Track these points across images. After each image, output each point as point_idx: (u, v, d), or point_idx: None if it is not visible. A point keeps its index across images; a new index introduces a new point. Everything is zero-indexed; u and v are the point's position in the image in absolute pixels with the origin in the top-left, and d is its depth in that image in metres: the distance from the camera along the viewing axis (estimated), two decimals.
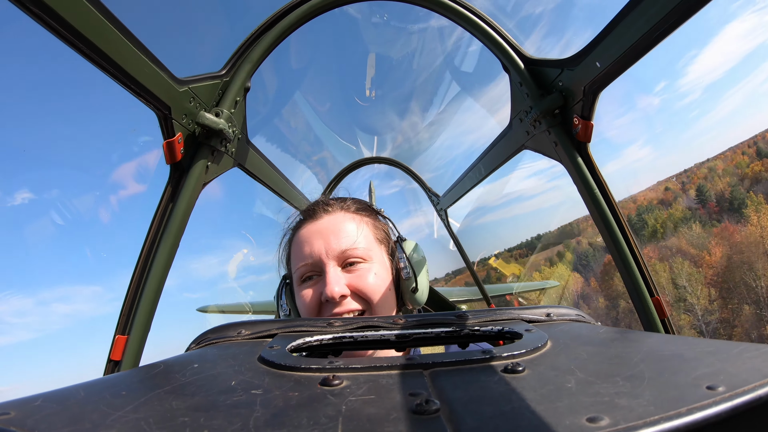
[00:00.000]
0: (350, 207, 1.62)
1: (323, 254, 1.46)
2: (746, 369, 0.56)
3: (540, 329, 0.90)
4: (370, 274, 1.48)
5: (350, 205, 1.63)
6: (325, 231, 1.51)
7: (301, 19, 2.23)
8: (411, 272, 1.60)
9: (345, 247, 1.47)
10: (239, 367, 0.75)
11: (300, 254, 1.51)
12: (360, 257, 1.49)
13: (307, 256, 1.48)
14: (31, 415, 0.53)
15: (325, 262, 1.46)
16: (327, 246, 1.47)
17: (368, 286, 1.46)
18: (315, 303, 1.46)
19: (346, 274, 1.47)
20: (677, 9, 1.43)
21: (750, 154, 77.18)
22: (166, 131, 1.86)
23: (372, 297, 1.46)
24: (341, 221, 1.54)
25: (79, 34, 1.34)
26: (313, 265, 1.48)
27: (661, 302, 2.12)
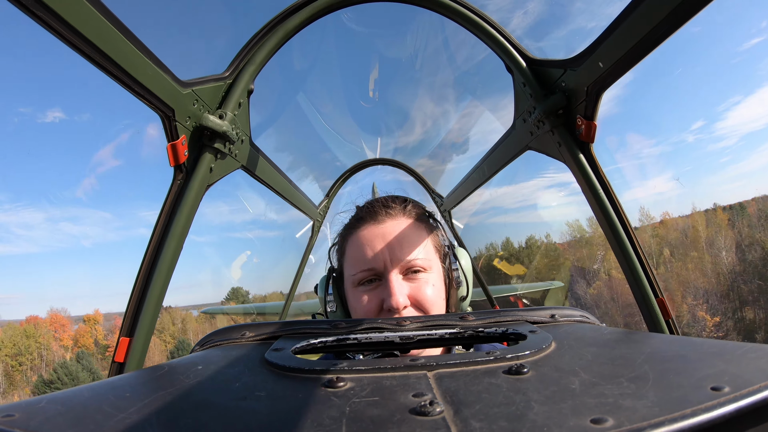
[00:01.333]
0: (411, 212, 1.59)
1: (387, 262, 1.44)
2: (751, 370, 0.56)
3: (544, 330, 0.90)
4: (429, 285, 1.47)
5: (411, 210, 1.59)
6: (388, 236, 1.48)
7: (305, 21, 2.24)
8: (464, 280, 1.61)
9: (409, 257, 1.45)
10: (243, 369, 0.76)
11: (361, 257, 1.49)
12: (421, 267, 1.47)
13: (369, 260, 1.46)
14: (35, 417, 0.53)
15: (388, 269, 1.44)
16: (391, 253, 1.45)
17: (427, 297, 1.45)
18: (375, 308, 1.44)
19: (407, 283, 1.45)
20: (680, 8, 1.42)
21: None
22: (170, 133, 1.86)
23: (429, 308, 1.45)
24: (404, 227, 1.52)
25: (81, 36, 1.34)
26: (375, 272, 1.46)
27: (665, 303, 2.11)
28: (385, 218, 1.53)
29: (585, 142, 2.11)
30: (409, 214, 1.58)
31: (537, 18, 2.72)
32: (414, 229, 1.53)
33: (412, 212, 1.59)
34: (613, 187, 2.14)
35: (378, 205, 1.58)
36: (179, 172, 1.97)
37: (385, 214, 1.55)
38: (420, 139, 5.17)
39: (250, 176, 2.74)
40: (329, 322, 1.04)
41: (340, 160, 5.36)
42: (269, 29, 2.24)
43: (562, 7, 2.95)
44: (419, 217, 1.60)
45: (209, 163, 2.05)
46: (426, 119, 4.81)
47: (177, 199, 1.98)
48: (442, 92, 4.33)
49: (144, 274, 1.95)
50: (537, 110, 2.22)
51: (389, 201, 1.60)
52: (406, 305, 1.41)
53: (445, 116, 4.66)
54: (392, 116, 4.89)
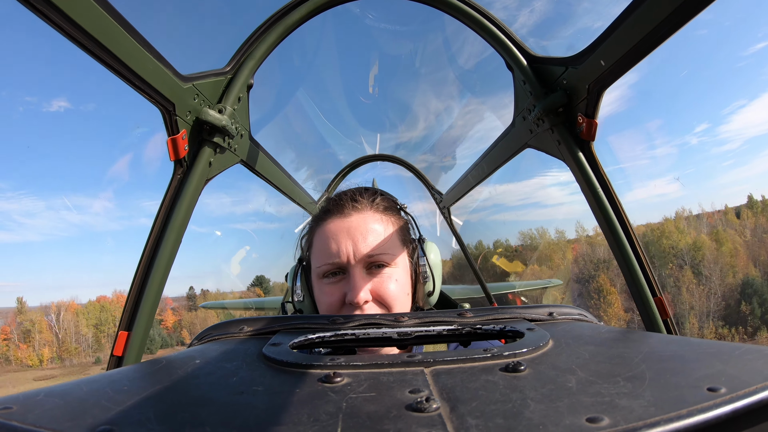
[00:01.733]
0: (379, 206, 1.59)
1: (351, 255, 1.45)
2: (748, 371, 0.56)
3: (542, 328, 0.90)
4: (392, 280, 1.48)
5: (379, 204, 1.60)
6: (353, 230, 1.49)
7: (305, 15, 2.23)
8: (430, 275, 1.61)
9: (371, 251, 1.46)
10: (241, 364, 0.76)
11: (325, 250, 1.50)
12: (384, 261, 1.48)
13: (333, 254, 1.47)
14: (32, 410, 0.53)
15: (351, 263, 1.45)
16: (355, 247, 1.46)
17: (389, 292, 1.46)
18: (337, 302, 1.46)
19: (370, 278, 1.46)
20: (682, 7, 1.42)
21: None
22: (170, 128, 1.86)
23: (392, 303, 1.46)
24: (370, 222, 1.52)
25: (82, 30, 1.34)
26: (338, 265, 1.47)
27: (663, 302, 2.11)
28: (351, 212, 1.54)
29: (585, 141, 2.11)
30: (376, 207, 1.58)
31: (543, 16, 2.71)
32: (380, 223, 1.54)
33: (380, 205, 1.60)
34: (614, 187, 2.14)
35: (346, 198, 1.58)
36: (179, 167, 1.97)
37: (352, 207, 1.55)
38: (420, 136, 5.17)
39: (250, 171, 2.74)
40: (327, 317, 1.04)
41: (339, 155, 5.35)
42: (270, 24, 2.23)
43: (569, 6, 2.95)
44: (387, 210, 1.60)
45: (209, 157, 2.04)
46: (426, 116, 4.81)
47: (177, 193, 1.98)
48: (442, 89, 4.33)
49: (143, 268, 1.95)
50: (537, 108, 2.22)
51: (357, 194, 1.61)
52: (368, 300, 1.43)
53: (446, 113, 4.65)
54: (392, 112, 4.88)
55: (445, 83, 4.19)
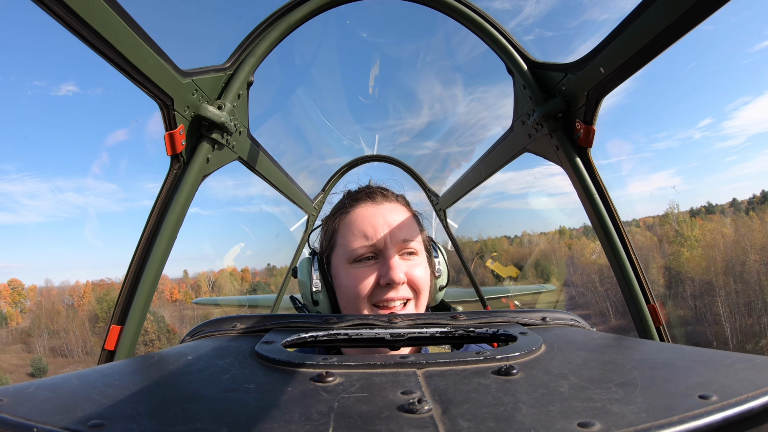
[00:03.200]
0: (402, 200, 1.66)
1: (387, 238, 1.48)
2: (739, 379, 0.56)
3: (535, 333, 0.90)
4: (421, 266, 1.53)
5: (403, 199, 1.67)
6: (388, 216, 1.53)
7: (307, 14, 2.22)
8: (444, 271, 1.69)
9: (406, 237, 1.51)
10: (233, 361, 0.76)
11: (359, 233, 1.50)
12: (415, 250, 1.53)
13: (369, 236, 1.48)
14: (23, 402, 0.53)
15: (388, 246, 1.48)
16: (391, 232, 1.49)
17: (420, 277, 1.50)
18: (371, 284, 1.46)
19: (404, 263, 1.50)
20: (683, 18, 1.42)
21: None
22: (168, 122, 1.85)
23: (422, 288, 1.51)
24: (402, 212, 1.58)
25: (83, 22, 1.33)
26: (373, 247, 1.48)
27: (656, 310, 2.12)
28: (383, 200, 1.59)
29: (583, 147, 2.12)
30: (401, 202, 1.64)
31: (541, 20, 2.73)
32: (408, 216, 1.58)
33: (404, 201, 1.66)
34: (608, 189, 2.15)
35: (374, 189, 1.63)
36: (176, 162, 1.96)
37: (382, 196, 1.60)
38: (419, 137, 5.17)
39: (247, 168, 2.73)
40: (320, 316, 1.04)
41: (337, 155, 5.35)
42: (271, 22, 2.23)
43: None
44: (407, 206, 1.66)
45: (206, 153, 2.04)
46: (425, 117, 4.81)
47: (173, 188, 1.97)
48: (441, 91, 4.33)
49: (137, 262, 1.94)
50: (536, 113, 2.22)
51: (384, 187, 1.68)
52: (404, 281, 1.45)
53: (445, 115, 4.66)
54: (391, 113, 4.88)
55: (446, 85, 4.20)
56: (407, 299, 1.49)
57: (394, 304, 1.46)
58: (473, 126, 4.42)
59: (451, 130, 4.80)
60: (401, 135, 5.30)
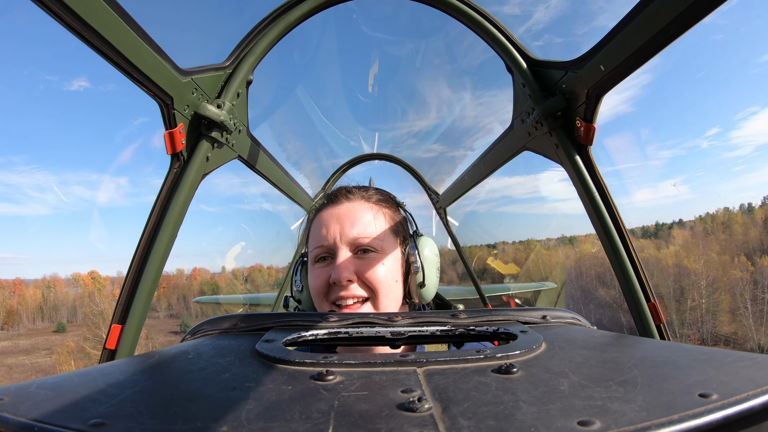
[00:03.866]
0: (372, 197, 1.67)
1: (337, 238, 1.53)
2: (739, 378, 0.56)
3: (535, 331, 0.90)
4: (379, 264, 1.53)
5: (372, 195, 1.68)
6: (343, 216, 1.57)
7: (307, 12, 2.22)
8: (420, 267, 1.64)
9: (358, 235, 1.53)
10: (234, 359, 0.76)
11: (317, 236, 1.58)
12: (371, 246, 1.54)
13: (322, 238, 1.55)
14: (24, 402, 0.53)
15: (338, 246, 1.52)
16: (342, 231, 1.53)
17: (374, 275, 1.50)
18: (324, 284, 1.51)
19: (356, 261, 1.52)
20: (683, 15, 1.42)
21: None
22: (168, 121, 1.85)
23: (377, 286, 1.50)
24: (359, 209, 1.60)
25: (82, 21, 1.33)
26: (327, 248, 1.55)
27: (657, 308, 2.12)
28: (343, 201, 1.63)
29: (583, 145, 2.11)
30: (368, 198, 1.66)
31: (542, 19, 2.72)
32: (370, 211, 1.60)
33: (374, 197, 1.67)
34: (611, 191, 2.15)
35: (340, 191, 1.68)
36: (176, 160, 1.96)
37: (344, 197, 1.64)
38: (418, 135, 5.16)
39: (247, 166, 2.73)
40: (321, 315, 1.04)
41: (337, 153, 5.35)
42: (271, 20, 2.22)
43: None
44: (380, 202, 1.67)
45: (206, 152, 2.04)
46: (425, 116, 4.80)
47: (173, 187, 1.97)
48: (441, 89, 4.33)
49: (138, 262, 1.94)
50: (536, 111, 2.22)
51: (352, 187, 1.71)
52: (351, 279, 1.48)
53: (444, 113, 4.65)
54: (391, 111, 4.88)
55: (445, 84, 4.19)
56: (362, 298, 1.50)
57: (347, 302, 1.49)
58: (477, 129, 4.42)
59: (454, 132, 4.80)
60: (401, 134, 5.29)
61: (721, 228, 72.95)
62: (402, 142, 5.38)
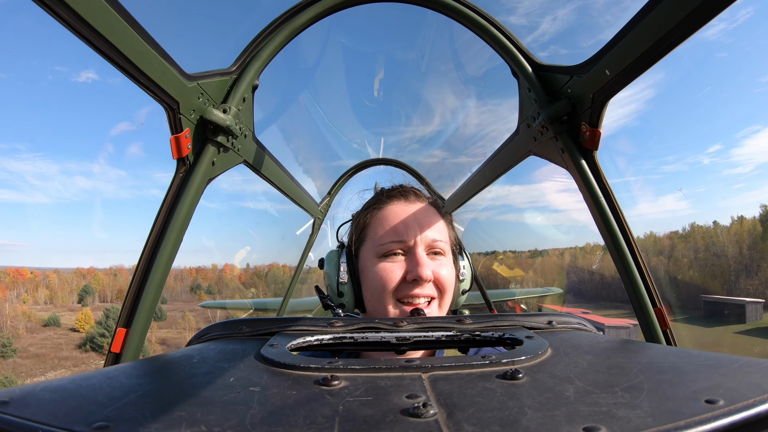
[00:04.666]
0: (434, 202, 1.70)
1: (417, 236, 1.53)
2: (746, 384, 0.56)
3: (541, 336, 0.90)
4: (446, 267, 1.57)
5: (434, 201, 1.71)
6: (420, 215, 1.58)
7: (312, 18, 2.23)
8: (468, 277, 1.72)
9: (436, 237, 1.56)
10: (238, 364, 0.76)
11: (391, 229, 1.56)
12: (442, 250, 1.58)
13: (400, 233, 1.54)
14: (29, 404, 0.53)
15: (417, 243, 1.53)
16: (421, 230, 1.54)
17: (445, 277, 1.54)
18: (398, 279, 1.50)
19: (431, 262, 1.54)
20: (688, 19, 1.42)
21: None
22: (174, 126, 1.86)
23: (446, 287, 1.54)
24: (433, 213, 1.63)
25: (88, 26, 1.34)
26: (403, 243, 1.54)
27: (663, 313, 2.10)
28: (416, 200, 1.65)
29: (589, 150, 2.11)
30: (432, 203, 1.69)
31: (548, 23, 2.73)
32: (438, 217, 1.63)
33: (435, 203, 1.70)
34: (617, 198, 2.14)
35: (408, 188, 1.70)
36: (182, 165, 1.97)
37: (415, 196, 1.66)
38: (424, 141, 5.17)
39: (253, 171, 2.74)
40: (326, 320, 1.04)
41: (343, 158, 5.36)
42: (277, 26, 2.23)
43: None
44: (439, 210, 1.69)
45: (212, 156, 2.04)
46: (430, 121, 4.81)
47: (179, 191, 1.98)
48: (447, 94, 4.33)
49: (143, 266, 1.95)
50: (541, 116, 2.22)
51: (414, 187, 1.74)
52: (431, 278, 1.49)
53: (450, 118, 4.66)
54: (396, 117, 4.89)
55: (451, 89, 4.20)
56: (432, 297, 1.52)
57: (418, 300, 1.49)
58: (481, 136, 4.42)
59: (458, 138, 4.80)
60: (407, 139, 5.30)
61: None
62: (406, 147, 5.39)
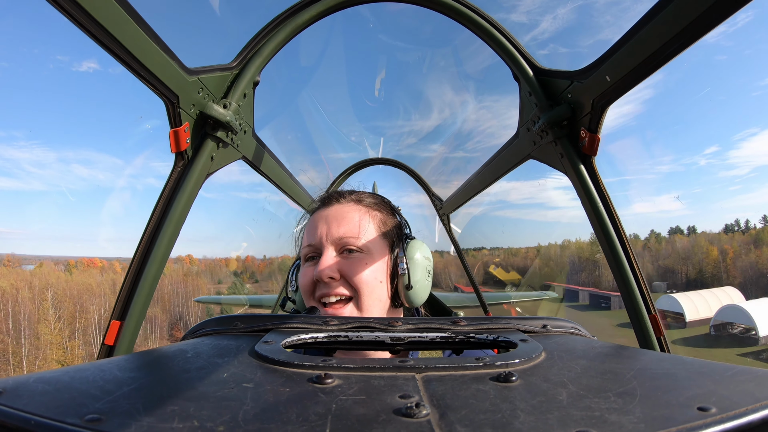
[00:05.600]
0: (364, 200, 1.71)
1: (324, 237, 1.57)
2: (739, 392, 0.56)
3: (535, 340, 0.90)
4: (362, 263, 1.55)
5: (364, 198, 1.72)
6: (331, 217, 1.61)
7: (315, 15, 2.23)
8: (406, 269, 1.63)
9: (343, 234, 1.57)
10: (232, 360, 0.76)
11: (306, 236, 1.64)
12: (357, 247, 1.57)
13: (311, 237, 1.61)
14: (22, 395, 0.53)
15: (324, 245, 1.56)
16: (328, 231, 1.58)
17: (357, 274, 1.53)
18: (309, 281, 1.56)
19: (341, 260, 1.55)
20: (689, 28, 1.42)
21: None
22: (173, 120, 1.86)
23: (359, 285, 1.52)
24: (348, 211, 1.64)
25: (90, 17, 1.34)
26: (315, 247, 1.60)
27: (658, 320, 2.11)
28: (333, 203, 1.69)
29: (587, 155, 2.11)
30: (360, 201, 1.70)
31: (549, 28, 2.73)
32: (358, 213, 1.64)
33: (365, 200, 1.71)
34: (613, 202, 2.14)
35: (333, 194, 1.74)
36: (180, 159, 1.97)
37: (335, 200, 1.71)
38: (423, 141, 5.17)
39: (251, 167, 2.73)
40: (321, 318, 1.03)
41: (342, 157, 5.36)
42: (279, 22, 2.23)
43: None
44: (372, 205, 1.70)
45: (211, 151, 2.04)
46: (430, 121, 4.82)
47: (176, 185, 1.97)
48: (447, 96, 4.34)
49: (138, 259, 1.95)
50: (541, 120, 2.22)
51: (345, 191, 1.76)
52: (333, 277, 1.51)
53: (450, 120, 4.66)
54: (397, 117, 4.89)
55: (452, 90, 4.20)
56: (345, 296, 1.53)
57: (330, 300, 1.52)
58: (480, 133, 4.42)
59: (458, 136, 4.80)
60: (407, 140, 5.31)
61: None
62: (406, 147, 5.39)
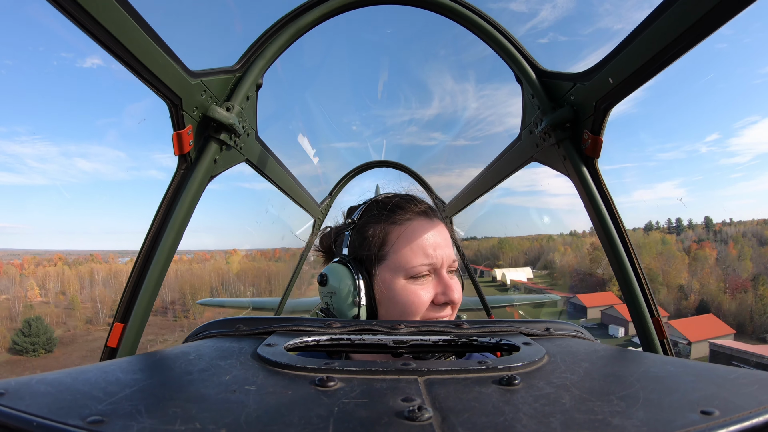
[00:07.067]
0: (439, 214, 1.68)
1: (444, 259, 1.50)
2: (742, 395, 0.56)
3: (538, 343, 0.89)
4: (458, 285, 1.54)
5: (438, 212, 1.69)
6: (441, 236, 1.54)
7: (317, 18, 2.23)
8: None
9: (454, 258, 1.54)
10: (235, 362, 0.76)
11: (419, 250, 1.47)
12: (456, 268, 1.56)
13: (429, 254, 1.47)
14: (24, 396, 0.53)
15: (444, 265, 1.50)
16: (445, 253, 1.51)
17: (461, 295, 1.52)
18: (428, 301, 1.45)
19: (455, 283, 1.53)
20: (691, 29, 1.42)
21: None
22: (176, 122, 1.86)
23: (456, 306, 1.52)
24: (443, 229, 1.59)
25: (93, 20, 1.34)
26: (431, 266, 1.48)
27: (660, 323, 2.10)
28: (435, 218, 1.60)
29: (590, 157, 2.11)
30: (442, 219, 1.66)
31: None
32: (449, 234, 1.61)
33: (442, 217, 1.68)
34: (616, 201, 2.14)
35: (425, 204, 1.65)
36: (183, 162, 1.97)
37: (433, 214, 1.62)
38: (426, 143, 5.18)
39: (254, 170, 2.74)
40: (324, 321, 1.04)
41: (345, 159, 5.36)
42: (282, 25, 2.23)
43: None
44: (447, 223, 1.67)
45: (214, 154, 2.04)
46: (433, 123, 4.82)
47: (179, 188, 1.97)
48: (450, 98, 4.35)
49: (142, 262, 1.95)
50: (544, 122, 2.22)
51: (425, 202, 1.69)
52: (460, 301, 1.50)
53: (452, 122, 4.67)
54: (399, 119, 4.89)
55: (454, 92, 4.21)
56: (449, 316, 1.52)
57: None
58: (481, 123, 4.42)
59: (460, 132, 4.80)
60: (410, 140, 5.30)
61: None
62: (410, 149, 5.39)
